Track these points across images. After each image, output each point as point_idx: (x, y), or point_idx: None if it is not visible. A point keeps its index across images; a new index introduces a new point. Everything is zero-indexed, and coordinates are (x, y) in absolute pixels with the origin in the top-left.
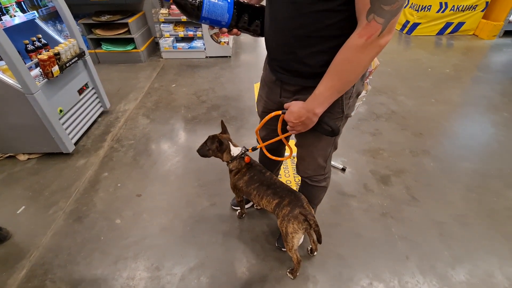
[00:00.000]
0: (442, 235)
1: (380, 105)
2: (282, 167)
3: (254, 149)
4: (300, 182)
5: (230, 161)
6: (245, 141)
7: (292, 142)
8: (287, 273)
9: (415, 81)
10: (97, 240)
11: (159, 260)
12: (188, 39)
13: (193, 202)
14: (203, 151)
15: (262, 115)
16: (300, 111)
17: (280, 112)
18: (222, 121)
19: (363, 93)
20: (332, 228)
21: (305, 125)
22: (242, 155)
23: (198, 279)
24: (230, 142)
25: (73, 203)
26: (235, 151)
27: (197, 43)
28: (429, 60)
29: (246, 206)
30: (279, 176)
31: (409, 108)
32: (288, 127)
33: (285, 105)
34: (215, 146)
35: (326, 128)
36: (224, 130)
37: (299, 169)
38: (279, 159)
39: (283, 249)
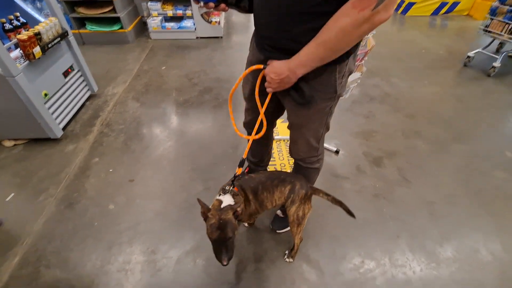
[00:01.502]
0: (432, 214)
1: (374, 87)
2: (276, 150)
3: (241, 164)
4: (292, 164)
5: (237, 210)
6: (238, 124)
7: (284, 125)
8: (286, 259)
9: (409, 62)
10: (90, 226)
11: (155, 244)
12: (177, 19)
13: (187, 186)
14: (227, 247)
15: (249, 97)
16: (282, 68)
17: (261, 66)
18: (198, 199)
19: (358, 74)
20: (326, 210)
21: (282, 83)
22: (233, 183)
23: (194, 262)
24: (219, 206)
25: (63, 190)
26: (227, 199)
27: (187, 23)
28: (423, 41)
29: None
30: (273, 159)
31: (402, 90)
32: (266, 83)
33: (269, 61)
34: (224, 225)
35: (300, 94)
36: (204, 205)
37: (292, 151)
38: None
39: (278, 231)
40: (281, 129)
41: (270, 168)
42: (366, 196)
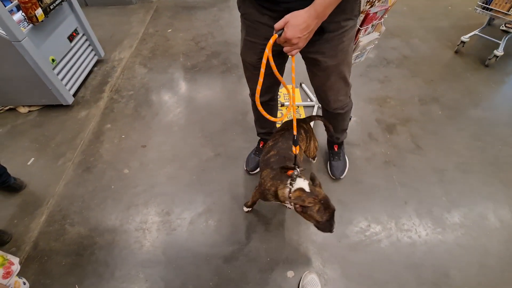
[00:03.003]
0: (442, 181)
1: (392, 49)
2: (287, 117)
3: (296, 143)
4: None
5: (319, 182)
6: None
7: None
8: (313, 160)
9: (432, 21)
10: (108, 189)
11: (169, 206)
12: None
13: (197, 152)
14: (334, 216)
15: (257, 62)
16: (308, 20)
17: (275, 36)
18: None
19: (376, 34)
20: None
21: (311, 35)
22: (295, 166)
23: (206, 223)
24: (304, 192)
25: (80, 154)
26: (301, 182)
27: None
28: None
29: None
30: None
31: (423, 53)
32: (286, 48)
33: (278, 25)
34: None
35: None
36: (297, 201)
37: (330, 102)
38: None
39: (341, 177)
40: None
41: None
42: (376, 163)
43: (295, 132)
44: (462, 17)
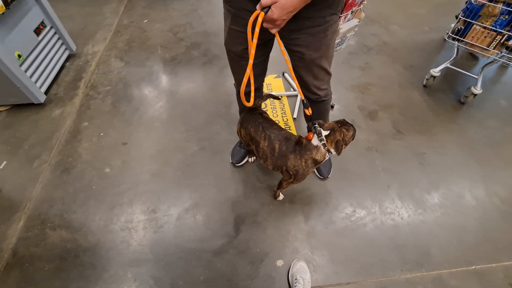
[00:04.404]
0: (422, 164)
1: (372, 36)
2: (270, 107)
3: (306, 106)
4: (288, 121)
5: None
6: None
7: (278, 81)
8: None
9: (411, 7)
10: (89, 189)
11: (155, 203)
12: None
13: (181, 147)
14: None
15: (243, 52)
16: (297, 4)
17: (260, 13)
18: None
19: (356, 21)
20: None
21: (292, 15)
22: (313, 124)
23: (194, 218)
24: (333, 134)
25: (57, 155)
26: (324, 132)
27: None
28: None
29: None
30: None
31: (402, 39)
32: (267, 25)
33: (265, 1)
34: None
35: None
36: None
37: (313, 91)
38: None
39: (328, 176)
40: (279, 84)
41: None
42: (360, 150)
43: (303, 98)
44: (439, 3)
